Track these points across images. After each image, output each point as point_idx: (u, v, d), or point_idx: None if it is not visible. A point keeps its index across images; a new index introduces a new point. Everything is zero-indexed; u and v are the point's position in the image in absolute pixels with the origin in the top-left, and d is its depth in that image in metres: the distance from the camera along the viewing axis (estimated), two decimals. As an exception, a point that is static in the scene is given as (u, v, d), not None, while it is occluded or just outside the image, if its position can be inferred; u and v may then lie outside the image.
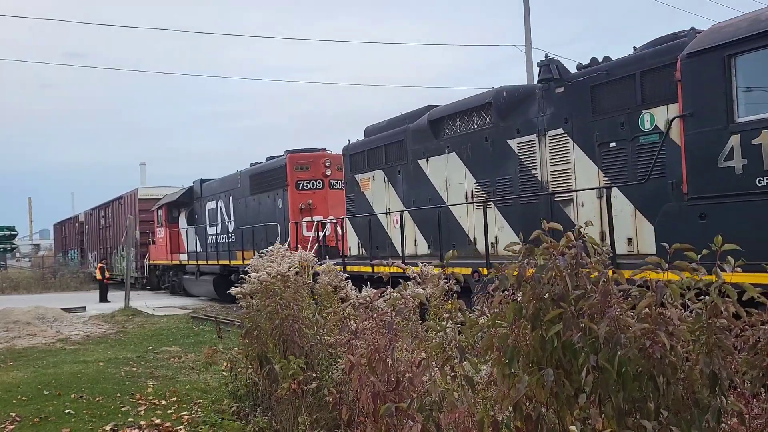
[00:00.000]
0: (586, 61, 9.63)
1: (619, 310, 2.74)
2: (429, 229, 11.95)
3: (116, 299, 23.12)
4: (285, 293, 6.02)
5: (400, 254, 12.08)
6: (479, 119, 11.13)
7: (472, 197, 11.07)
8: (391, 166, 13.49)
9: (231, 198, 21.37)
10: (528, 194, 9.92)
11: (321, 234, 15.60)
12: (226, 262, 20.75)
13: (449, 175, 11.68)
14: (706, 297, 2.82)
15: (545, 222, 3.11)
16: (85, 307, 20.52)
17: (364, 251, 14.08)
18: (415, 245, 12.54)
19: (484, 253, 10.10)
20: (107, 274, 27.87)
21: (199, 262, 23.00)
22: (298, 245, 15.02)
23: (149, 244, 29.16)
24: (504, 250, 3.20)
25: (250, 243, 17.73)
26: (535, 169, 9.88)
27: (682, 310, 2.84)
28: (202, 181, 24.40)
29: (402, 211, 12.68)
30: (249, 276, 6.52)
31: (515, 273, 3.01)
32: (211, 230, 22.91)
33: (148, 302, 21.69)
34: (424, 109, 12.86)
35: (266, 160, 20.11)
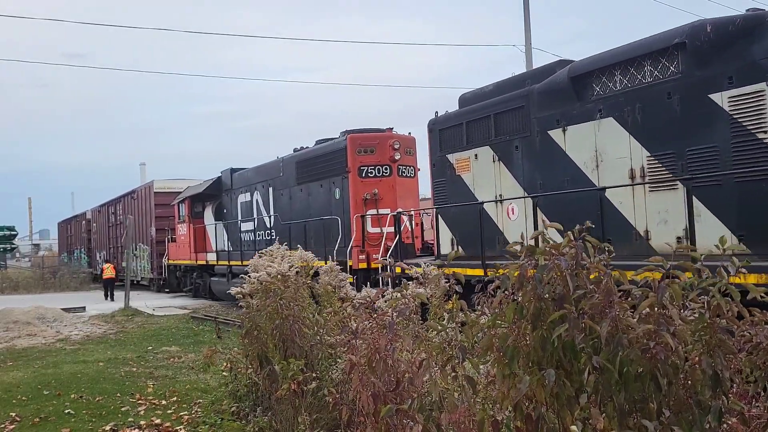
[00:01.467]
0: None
1: (620, 310, 2.73)
2: (566, 219, 9.40)
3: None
4: (285, 293, 6.01)
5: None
6: (657, 69, 8.34)
7: (643, 176, 8.45)
8: (503, 140, 10.65)
9: (270, 189, 18.38)
10: (751, 166, 7.25)
11: (398, 228, 13.24)
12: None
13: (602, 148, 8.99)
14: (708, 296, 2.82)
15: (546, 221, 3.10)
16: (84, 307, 20.52)
17: (460, 249, 11.05)
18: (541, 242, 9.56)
19: (661, 250, 7.49)
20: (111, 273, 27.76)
21: (232, 263, 19.92)
22: (365, 243, 14.21)
23: (168, 242, 25.94)
24: (506, 249, 3.18)
25: (301, 240, 14.79)
26: (764, 132, 7.25)
27: (683, 310, 2.84)
28: (233, 170, 21.10)
29: (523, 197, 10.05)
30: (249, 276, 6.51)
31: (516, 273, 3.01)
32: (245, 226, 19.89)
33: (148, 302, 21.68)
34: (554, 65, 10.33)
35: (315, 144, 17.19)
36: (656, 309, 2.74)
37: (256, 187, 19.32)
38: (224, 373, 7.51)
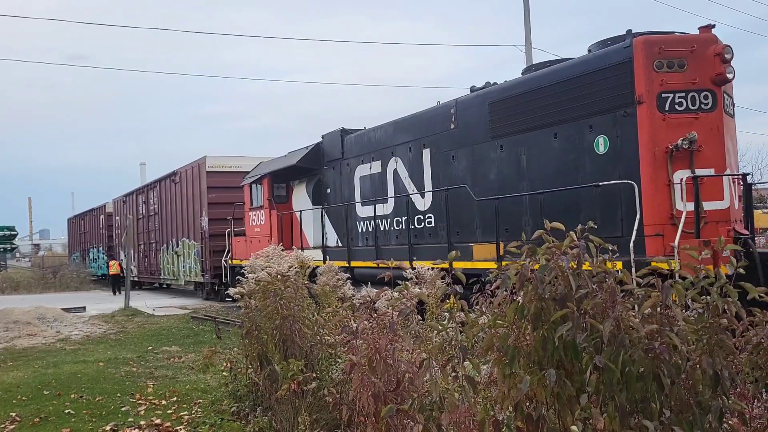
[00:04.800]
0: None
1: (622, 309, 2.73)
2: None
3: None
4: (285, 293, 6.01)
5: None
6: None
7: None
8: None
9: (426, 151, 11.77)
10: None
11: (749, 200, 8.70)
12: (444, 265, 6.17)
13: None
14: (709, 297, 2.82)
15: (547, 222, 3.10)
16: (85, 307, 20.50)
17: None
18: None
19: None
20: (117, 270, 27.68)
21: (358, 264, 13.36)
22: (680, 226, 7.41)
23: (228, 236, 19.48)
24: (507, 248, 3.17)
25: (515, 223, 9.60)
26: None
27: (684, 310, 2.83)
28: (345, 132, 14.63)
29: None
30: (246, 277, 6.51)
31: (516, 273, 3.00)
32: (366, 210, 13.51)
33: (148, 302, 21.66)
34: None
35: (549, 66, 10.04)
36: (658, 309, 2.73)
37: (395, 152, 12.66)
38: (224, 373, 7.51)
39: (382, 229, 12.96)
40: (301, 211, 15.88)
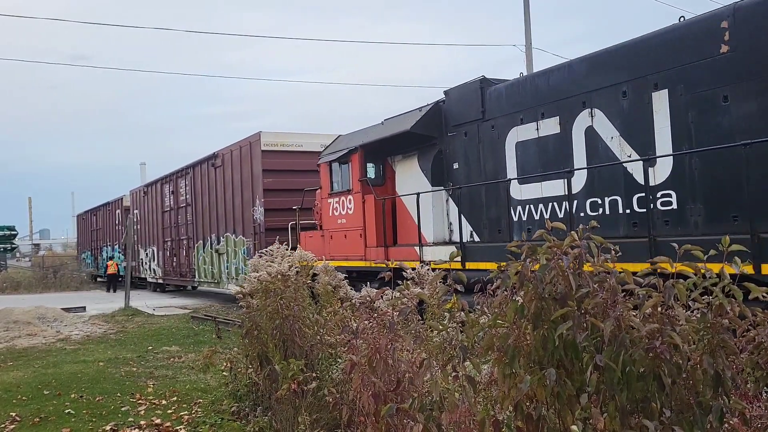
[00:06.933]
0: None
1: (623, 309, 2.72)
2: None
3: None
4: (285, 293, 6.01)
5: None
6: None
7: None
8: None
9: (662, 95, 7.77)
10: None
11: None
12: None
13: None
14: (711, 297, 2.81)
15: (548, 221, 3.09)
16: (85, 307, 20.51)
17: None
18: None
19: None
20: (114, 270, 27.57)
21: None
22: None
23: (292, 229, 15.30)
24: (507, 248, 3.17)
25: None
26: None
27: (686, 310, 2.83)
28: (487, 83, 10.54)
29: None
30: (247, 276, 6.51)
31: (516, 272, 3.00)
32: (529, 190, 9.53)
33: (148, 302, 21.67)
34: None
35: None
36: (659, 309, 2.73)
37: (589, 101, 8.62)
38: (224, 373, 7.51)
39: (561, 215, 8.87)
40: (418, 194, 11.08)
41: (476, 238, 10.59)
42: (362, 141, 12.75)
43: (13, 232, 52.60)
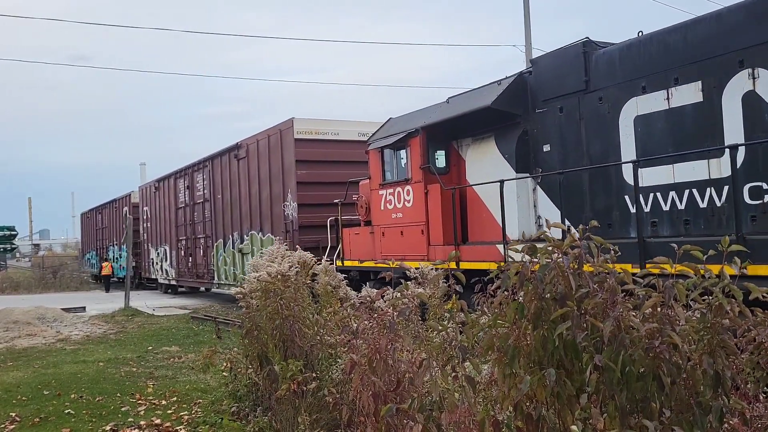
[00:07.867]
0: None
1: (623, 309, 2.73)
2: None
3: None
4: (285, 293, 6.01)
5: None
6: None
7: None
8: None
9: None
10: None
11: None
12: None
13: None
14: (711, 297, 2.81)
15: (548, 221, 3.09)
16: (85, 307, 20.50)
17: None
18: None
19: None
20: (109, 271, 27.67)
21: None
22: None
23: (331, 226, 13.78)
24: (508, 248, 3.16)
25: None
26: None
27: (686, 310, 2.83)
28: (591, 47, 8.56)
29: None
30: (247, 276, 6.51)
31: (516, 272, 3.00)
32: (653, 175, 7.56)
33: (148, 302, 21.66)
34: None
35: None
36: (659, 309, 2.73)
37: (747, 60, 6.77)
38: (224, 373, 7.51)
39: (703, 204, 7.07)
40: (502, 181, 9.09)
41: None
42: (424, 122, 10.88)
43: (13, 233, 52.57)
